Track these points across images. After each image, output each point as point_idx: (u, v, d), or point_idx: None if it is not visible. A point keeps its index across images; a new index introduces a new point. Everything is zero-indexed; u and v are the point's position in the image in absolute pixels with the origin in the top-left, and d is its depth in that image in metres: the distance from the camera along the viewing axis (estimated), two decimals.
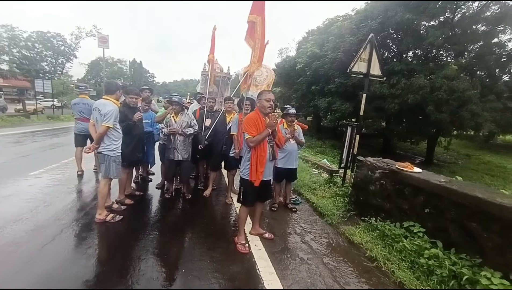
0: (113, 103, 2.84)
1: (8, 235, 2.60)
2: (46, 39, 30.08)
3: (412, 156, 18.74)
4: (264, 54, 3.56)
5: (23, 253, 2.31)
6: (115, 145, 2.90)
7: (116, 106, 2.86)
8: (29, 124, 12.60)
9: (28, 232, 2.68)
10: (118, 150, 2.96)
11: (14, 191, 3.80)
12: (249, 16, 3.39)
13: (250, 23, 3.41)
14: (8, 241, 2.50)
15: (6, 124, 11.83)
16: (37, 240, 2.54)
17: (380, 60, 4.22)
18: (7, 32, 28.88)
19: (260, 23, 3.31)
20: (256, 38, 3.36)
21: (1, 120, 12.27)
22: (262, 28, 3.32)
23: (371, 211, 3.33)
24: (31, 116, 14.62)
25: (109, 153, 2.86)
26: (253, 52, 3.49)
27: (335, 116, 16.21)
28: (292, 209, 3.89)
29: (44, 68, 28.04)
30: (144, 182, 4.60)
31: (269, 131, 2.46)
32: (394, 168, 3.13)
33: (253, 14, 3.36)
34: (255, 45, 3.41)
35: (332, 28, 16.52)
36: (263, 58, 3.60)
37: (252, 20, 3.36)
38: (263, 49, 3.48)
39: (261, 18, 3.33)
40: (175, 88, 65.93)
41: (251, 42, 3.45)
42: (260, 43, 3.37)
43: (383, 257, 2.64)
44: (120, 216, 3.11)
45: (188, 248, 2.66)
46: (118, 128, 2.94)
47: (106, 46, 15.15)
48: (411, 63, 14.04)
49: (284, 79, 23.40)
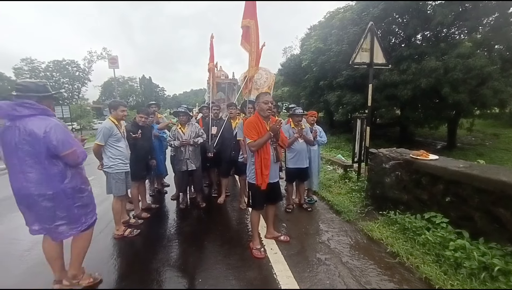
0: (110, 121, 2.92)
1: (36, 256, 2.72)
2: (62, 67, 31.91)
3: (433, 141, 17.94)
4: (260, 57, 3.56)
5: (49, 274, 2.40)
6: (112, 162, 2.94)
7: (108, 124, 2.89)
8: None
9: None
10: (116, 167, 2.96)
11: None
12: (242, 21, 3.41)
13: (244, 27, 3.43)
14: (36, 262, 2.63)
15: None
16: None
17: (383, 47, 4.09)
18: (28, 65, 30.91)
19: (254, 27, 3.32)
20: (251, 41, 3.37)
21: None
22: (256, 32, 3.33)
23: (389, 204, 3.20)
24: None
25: (107, 170, 2.93)
26: (250, 56, 3.50)
27: (347, 109, 15.85)
28: (307, 209, 3.82)
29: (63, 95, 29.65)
30: (159, 195, 4.70)
31: (271, 134, 2.44)
32: (408, 158, 3.00)
33: (246, 18, 3.37)
34: (251, 49, 3.42)
35: (334, 21, 16.24)
36: (259, 61, 3.60)
37: (245, 24, 3.37)
38: (259, 52, 3.48)
39: (254, 21, 3.35)
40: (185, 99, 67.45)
41: (247, 46, 3.46)
42: (256, 46, 3.37)
43: (406, 252, 2.53)
44: (138, 230, 3.19)
45: (204, 257, 2.67)
46: (117, 145, 2.97)
47: (116, 66, 15.77)
48: (420, 46, 13.50)
49: (291, 78, 23.28)
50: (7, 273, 2.49)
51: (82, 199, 2.05)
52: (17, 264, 2.62)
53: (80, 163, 2.03)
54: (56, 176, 1.90)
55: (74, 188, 1.98)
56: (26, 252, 2.83)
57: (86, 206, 2.10)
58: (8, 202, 4.63)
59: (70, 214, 1.99)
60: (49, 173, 1.86)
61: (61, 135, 1.84)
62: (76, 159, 1.95)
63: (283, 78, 25.64)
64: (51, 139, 1.80)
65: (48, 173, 1.86)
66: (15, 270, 2.53)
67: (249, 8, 3.35)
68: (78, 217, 2.04)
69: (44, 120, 1.84)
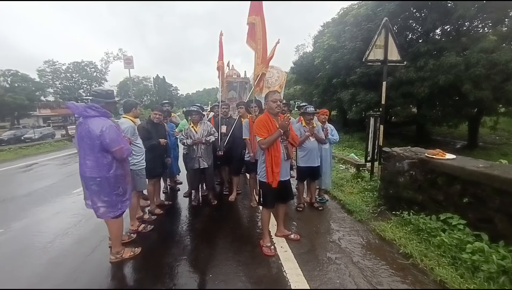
0: (130, 120, 3.04)
1: (57, 248, 2.90)
2: (81, 68, 33.23)
3: (452, 140, 17.22)
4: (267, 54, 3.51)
5: (69, 265, 2.56)
6: (136, 159, 3.09)
7: (131, 123, 3.05)
8: (73, 147, 13.95)
9: (73, 245, 2.98)
10: (139, 164, 3.15)
11: (61, 208, 4.23)
12: (248, 18, 3.38)
13: (249, 24, 3.40)
14: (57, 253, 2.80)
15: (54, 148, 13.34)
16: (80, 251, 2.80)
17: (398, 44, 3.96)
18: (50, 67, 32.44)
19: (260, 23, 3.28)
20: (257, 39, 3.33)
21: (50, 145, 13.92)
22: (262, 28, 3.28)
23: (402, 205, 3.12)
24: (73, 139, 16.24)
25: (132, 167, 3.05)
26: (256, 53, 3.46)
27: (361, 108, 15.50)
28: (318, 208, 3.79)
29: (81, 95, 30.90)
30: (172, 192, 4.82)
31: (281, 132, 2.44)
32: (423, 157, 2.91)
33: (251, 15, 3.34)
34: (256, 46, 3.39)
35: (348, 18, 15.89)
36: (266, 58, 3.55)
37: (251, 21, 3.34)
38: (266, 50, 3.43)
39: (260, 18, 3.30)
40: (198, 98, 68.36)
41: (253, 44, 3.43)
42: (262, 43, 3.33)
43: (420, 253, 2.46)
44: (151, 226, 3.30)
45: (215, 253, 2.72)
46: (138, 143, 3.12)
47: (131, 66, 16.22)
48: (439, 41, 12.96)
49: (304, 76, 23.03)
50: (32, 263, 2.64)
51: (119, 188, 2.44)
52: (40, 255, 2.78)
53: (125, 158, 2.43)
54: (105, 166, 2.32)
55: (116, 178, 2.40)
56: (49, 243, 3.01)
57: (122, 195, 2.49)
58: (33, 197, 4.94)
59: (110, 200, 2.40)
60: (100, 163, 2.30)
61: (113, 135, 2.27)
62: (122, 154, 2.36)
63: (295, 76, 25.41)
64: (105, 137, 2.23)
65: (99, 163, 2.30)
66: (39, 260, 2.68)
67: (255, 5, 3.32)
68: (115, 203, 2.44)
69: (103, 121, 2.29)
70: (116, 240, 2.58)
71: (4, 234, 3.33)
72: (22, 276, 2.42)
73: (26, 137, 19.91)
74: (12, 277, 2.43)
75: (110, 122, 2.33)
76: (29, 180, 6.55)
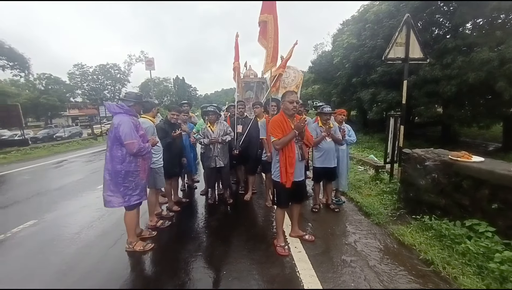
0: (149, 120, 3.17)
1: (84, 240, 3.10)
2: (106, 70, 35.01)
3: (483, 143, 16.10)
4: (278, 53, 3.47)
5: (94, 255, 2.73)
6: (155, 158, 3.21)
7: (152, 123, 3.19)
8: (97, 145, 14.81)
9: (97, 237, 3.16)
10: (158, 162, 3.28)
11: (87, 202, 4.50)
12: (260, 17, 3.37)
13: (262, 23, 3.38)
14: (83, 244, 2.99)
15: (81, 146, 14.24)
16: (103, 243, 2.97)
17: (420, 41, 3.78)
18: (79, 70, 34.52)
19: (272, 21, 3.26)
20: (268, 37, 3.31)
21: (77, 143, 14.88)
22: (274, 26, 3.26)
23: (423, 209, 2.99)
24: (98, 138, 17.50)
25: (152, 166, 3.18)
26: (266, 52, 3.44)
27: (381, 108, 14.94)
28: (334, 210, 3.73)
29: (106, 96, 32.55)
30: (190, 190, 4.96)
31: (296, 132, 2.43)
32: (446, 159, 2.76)
33: (264, 13, 3.32)
34: (268, 45, 3.36)
35: (368, 15, 15.37)
36: (276, 57, 3.52)
37: (263, 19, 3.32)
38: (277, 48, 3.40)
39: (273, 16, 3.27)
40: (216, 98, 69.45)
41: (264, 42, 3.41)
42: (273, 42, 3.30)
43: (442, 261, 2.34)
44: (169, 222, 3.43)
45: (229, 250, 2.77)
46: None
47: (152, 68, 16.88)
48: (469, 36, 12.14)
49: (322, 75, 22.63)
50: (61, 252, 2.85)
51: (130, 182, 2.59)
52: (69, 245, 2.99)
53: (135, 153, 2.53)
54: (118, 158, 2.51)
55: (127, 171, 2.56)
56: (76, 235, 3.22)
57: (132, 189, 2.62)
58: (63, 191, 5.30)
59: (117, 191, 2.56)
60: (114, 154, 2.51)
61: (126, 129, 2.46)
62: (132, 149, 2.49)
63: (314, 76, 25.04)
64: (119, 130, 2.46)
65: (113, 155, 2.51)
66: (67, 250, 2.89)
67: (268, 4, 3.29)
68: (123, 194, 2.59)
69: (122, 116, 2.53)
70: (129, 231, 2.76)
71: (38, 224, 3.62)
72: (53, 263, 2.61)
73: (57, 135, 21.39)
74: (45, 264, 2.63)
75: (128, 118, 2.53)
76: (60, 176, 7.03)
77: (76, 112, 41.21)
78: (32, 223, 3.64)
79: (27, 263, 2.66)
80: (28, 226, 3.55)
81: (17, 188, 5.80)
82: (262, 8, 3.38)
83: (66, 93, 35.07)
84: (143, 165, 2.69)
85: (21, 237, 3.27)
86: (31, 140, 17.43)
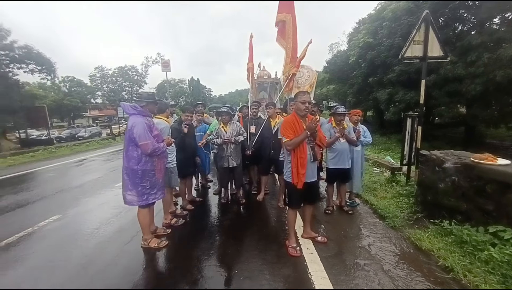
0: (164, 120, 3.26)
1: (102, 235, 3.25)
2: (124, 72, 36.24)
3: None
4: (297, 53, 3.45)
5: (111, 250, 2.86)
6: (170, 157, 3.30)
7: (167, 124, 3.28)
8: (115, 145, 15.41)
9: (115, 233, 3.29)
10: (172, 162, 3.37)
11: (105, 199, 4.70)
12: (277, 16, 3.34)
13: (280, 22, 3.36)
14: (102, 239, 3.13)
15: (100, 146, 14.89)
16: (121, 239, 3.09)
17: (440, 38, 3.63)
18: (99, 72, 36.02)
19: (291, 21, 3.23)
20: (287, 37, 3.29)
21: (97, 143, 15.58)
22: (293, 27, 3.24)
23: (442, 213, 2.86)
24: (116, 137, 18.28)
25: (167, 165, 3.27)
26: (286, 52, 3.42)
27: (399, 108, 14.42)
28: (348, 212, 3.66)
29: (124, 97, 33.70)
30: (203, 189, 5.04)
31: (308, 133, 2.41)
32: (468, 162, 2.63)
33: (282, 12, 3.29)
34: (287, 45, 3.34)
35: (386, 13, 14.90)
36: (296, 57, 3.49)
37: (281, 19, 3.30)
38: (296, 48, 3.38)
39: (291, 16, 3.25)
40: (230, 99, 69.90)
41: (283, 42, 3.39)
42: (292, 42, 3.28)
43: (462, 268, 2.24)
44: (183, 220, 3.51)
45: (241, 250, 2.79)
46: None
47: (168, 69, 17.33)
48: (497, 32, 11.46)
49: (337, 75, 22.20)
50: (82, 246, 3.00)
51: (147, 182, 2.68)
52: (89, 239, 3.14)
53: (150, 153, 2.59)
54: (135, 159, 2.60)
55: (144, 171, 2.64)
56: (95, 230, 3.38)
57: (149, 188, 2.71)
58: (83, 189, 5.56)
59: (135, 190, 2.65)
60: (130, 155, 2.60)
61: (139, 131, 2.52)
62: (146, 149, 2.55)
63: (329, 76, 24.62)
64: (133, 132, 2.53)
65: (130, 155, 2.60)
66: (87, 244, 3.03)
67: (286, 3, 3.27)
68: (141, 193, 2.68)
69: (136, 118, 2.59)
70: (143, 228, 2.85)
71: (61, 219, 3.83)
72: (74, 256, 2.76)
73: (79, 135, 22.57)
74: (67, 256, 2.78)
75: (142, 119, 2.59)
76: (81, 173, 7.39)
77: (96, 112, 43.12)
78: (56, 218, 3.85)
79: (53, 255, 2.84)
80: (53, 221, 3.76)
81: (43, 185, 6.17)
82: (279, 7, 3.35)
83: (87, 94, 36.74)
84: (159, 164, 2.76)
85: (47, 230, 3.49)
86: (56, 140, 18.49)
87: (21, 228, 3.51)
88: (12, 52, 14.47)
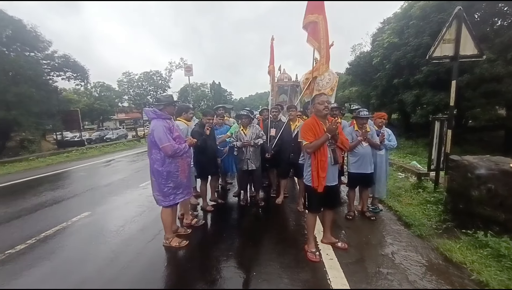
0: (184, 123, 3.36)
1: (127, 232, 3.41)
2: (149, 77, 37.90)
3: None
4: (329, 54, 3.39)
5: (135, 247, 2.99)
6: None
7: (186, 126, 3.39)
8: (140, 146, 16.14)
9: (138, 231, 3.44)
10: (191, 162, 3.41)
11: (130, 198, 4.93)
12: (308, 17, 3.30)
13: (312, 23, 3.31)
14: (127, 237, 3.29)
15: (126, 147, 15.73)
16: (144, 237, 3.22)
17: (474, 35, 3.39)
18: (126, 77, 38.07)
19: (323, 22, 3.19)
20: (320, 38, 3.24)
21: (123, 145, 16.49)
22: (325, 27, 3.19)
23: (477, 223, 2.66)
24: (141, 139, 19.27)
25: None
26: (319, 53, 3.37)
27: (427, 110, 13.63)
28: (370, 218, 3.53)
29: (149, 101, 35.21)
30: (223, 191, 5.12)
31: (328, 136, 2.36)
32: (506, 168, 2.43)
33: (313, 13, 3.25)
34: (320, 46, 3.29)
35: (413, 10, 14.24)
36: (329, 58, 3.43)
37: (313, 20, 3.25)
38: (328, 49, 3.32)
39: (323, 17, 3.20)
40: (250, 102, 70.44)
41: (316, 43, 3.33)
42: (326, 43, 3.23)
43: (500, 284, 2.07)
44: (203, 221, 3.59)
45: (259, 252, 2.79)
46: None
47: (190, 74, 17.87)
48: None
49: (360, 77, 21.55)
50: (109, 241, 3.17)
51: (172, 182, 2.79)
52: (115, 236, 3.31)
53: (171, 155, 2.68)
54: (159, 161, 2.71)
55: (169, 172, 2.74)
56: (121, 227, 3.55)
57: (174, 188, 2.82)
58: (111, 188, 5.88)
59: (161, 191, 2.78)
60: (154, 157, 2.72)
61: (159, 134, 2.62)
62: (167, 151, 2.64)
63: (351, 78, 23.98)
64: (154, 135, 2.63)
65: (154, 158, 2.72)
66: (113, 240, 3.20)
67: (316, 4, 3.22)
68: (168, 194, 2.80)
69: (156, 121, 2.68)
70: (166, 227, 2.95)
71: (91, 216, 4.08)
72: (102, 251, 2.93)
73: (107, 137, 24.14)
74: (96, 251, 2.96)
75: (161, 122, 2.67)
76: (108, 173, 7.84)
77: (123, 116, 45.61)
78: (86, 215, 4.12)
79: (83, 249, 3.04)
80: (84, 217, 4.03)
81: (76, 183, 6.64)
82: (308, 8, 3.31)
83: (115, 98, 38.94)
84: (182, 165, 2.85)
85: (78, 225, 3.74)
86: (87, 141, 19.90)
87: (57, 222, 3.80)
88: (52, 62, 15.90)
